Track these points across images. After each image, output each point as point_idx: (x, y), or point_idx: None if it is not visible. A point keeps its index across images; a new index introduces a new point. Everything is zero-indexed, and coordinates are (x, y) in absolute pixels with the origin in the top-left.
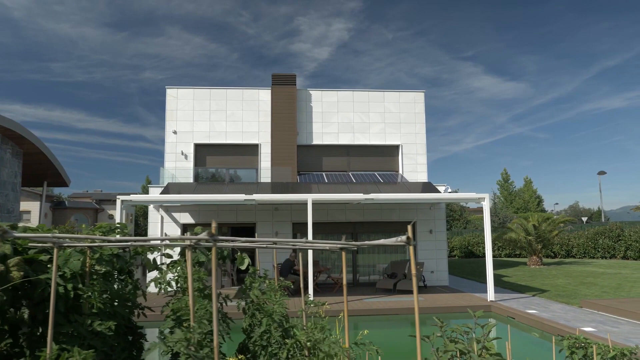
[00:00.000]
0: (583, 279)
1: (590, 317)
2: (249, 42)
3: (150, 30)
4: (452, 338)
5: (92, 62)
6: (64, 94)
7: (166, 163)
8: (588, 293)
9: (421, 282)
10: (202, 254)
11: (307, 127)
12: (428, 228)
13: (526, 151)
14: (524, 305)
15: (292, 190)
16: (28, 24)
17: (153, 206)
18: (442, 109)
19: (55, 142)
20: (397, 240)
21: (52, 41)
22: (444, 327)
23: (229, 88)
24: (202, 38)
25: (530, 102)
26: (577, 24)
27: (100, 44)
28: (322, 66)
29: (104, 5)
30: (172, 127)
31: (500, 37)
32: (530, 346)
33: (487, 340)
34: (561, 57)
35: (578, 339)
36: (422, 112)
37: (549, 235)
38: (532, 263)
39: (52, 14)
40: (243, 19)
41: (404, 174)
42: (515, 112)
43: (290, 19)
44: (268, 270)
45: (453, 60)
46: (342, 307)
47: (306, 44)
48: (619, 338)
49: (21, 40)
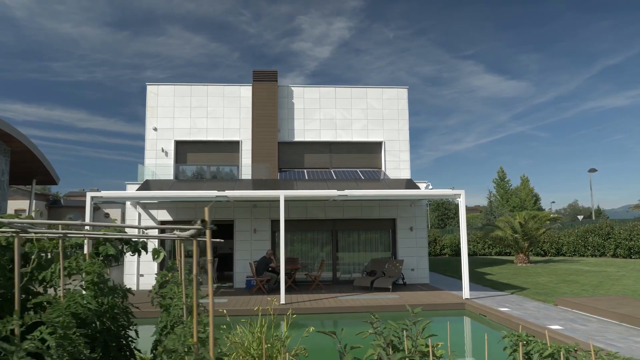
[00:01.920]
0: (566, 277)
1: (562, 315)
2: (249, 41)
3: (151, 30)
4: (379, 334)
5: (93, 61)
6: (64, 93)
7: (146, 160)
8: (567, 291)
9: (400, 279)
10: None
11: (288, 123)
12: (409, 225)
13: (527, 150)
14: (498, 303)
15: (271, 186)
16: (29, 24)
17: (130, 203)
18: (443, 107)
19: (56, 141)
20: (194, 225)
21: (53, 41)
22: (375, 324)
23: (210, 84)
24: (203, 37)
25: (531, 100)
26: (578, 22)
27: (101, 44)
28: (323, 65)
29: (104, 5)
30: (153, 124)
31: (500, 36)
32: (494, 344)
33: (422, 337)
34: (562, 56)
35: (520, 337)
36: (405, 108)
37: (535, 233)
38: (519, 261)
39: (53, 13)
40: (244, 18)
41: (386, 171)
42: (516, 111)
43: (291, 18)
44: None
45: (453, 59)
46: (314, 305)
47: (307, 43)
48: (582, 336)
49: (22, 40)
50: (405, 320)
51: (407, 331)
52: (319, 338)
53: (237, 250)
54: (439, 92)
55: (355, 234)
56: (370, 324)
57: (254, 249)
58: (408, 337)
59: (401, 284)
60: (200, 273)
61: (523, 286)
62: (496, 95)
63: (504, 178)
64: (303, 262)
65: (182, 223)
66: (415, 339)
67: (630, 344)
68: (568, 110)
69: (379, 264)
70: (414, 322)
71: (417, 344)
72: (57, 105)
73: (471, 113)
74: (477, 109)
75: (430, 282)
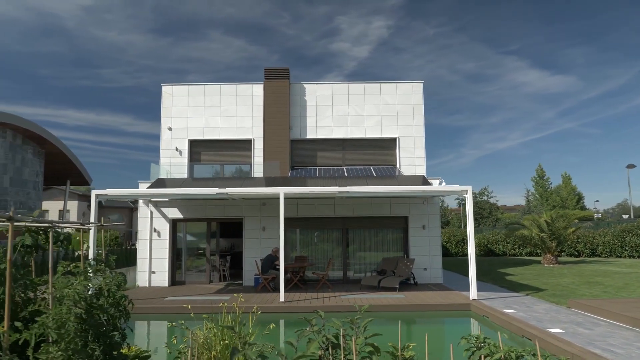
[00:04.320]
0: (590, 278)
1: (569, 318)
2: (288, 43)
3: (193, 35)
4: (317, 332)
5: (139, 67)
6: (112, 98)
7: (161, 159)
8: (586, 293)
9: (412, 279)
10: (29, 237)
11: (301, 121)
12: (421, 223)
13: (574, 147)
14: (507, 305)
15: (280, 184)
16: (80, 33)
17: (142, 202)
18: (486, 105)
19: (104, 145)
20: None
21: (101, 48)
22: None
23: (223, 84)
24: (243, 40)
25: (579, 96)
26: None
27: (146, 50)
28: (362, 64)
29: (149, 12)
30: (168, 123)
31: (546, 30)
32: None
33: (364, 336)
34: (611, 49)
35: (478, 338)
36: (420, 103)
37: (563, 232)
38: (546, 262)
39: (102, 22)
40: (283, 20)
41: (401, 167)
42: (563, 107)
43: (329, 19)
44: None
45: (497, 55)
46: (313, 304)
47: (346, 43)
48: (581, 340)
49: (74, 49)
50: (351, 318)
51: (351, 330)
52: (284, 335)
53: (246, 248)
54: (481, 89)
55: (366, 232)
56: (309, 322)
57: (263, 247)
58: (346, 335)
59: (412, 283)
60: (213, 271)
61: (541, 287)
62: (542, 91)
63: (543, 176)
64: (313, 260)
65: (193, 220)
66: (357, 337)
67: (632, 350)
68: (618, 105)
69: (390, 263)
70: (355, 319)
71: (358, 342)
72: (105, 110)
73: (515, 110)
74: (521, 106)
75: (444, 282)
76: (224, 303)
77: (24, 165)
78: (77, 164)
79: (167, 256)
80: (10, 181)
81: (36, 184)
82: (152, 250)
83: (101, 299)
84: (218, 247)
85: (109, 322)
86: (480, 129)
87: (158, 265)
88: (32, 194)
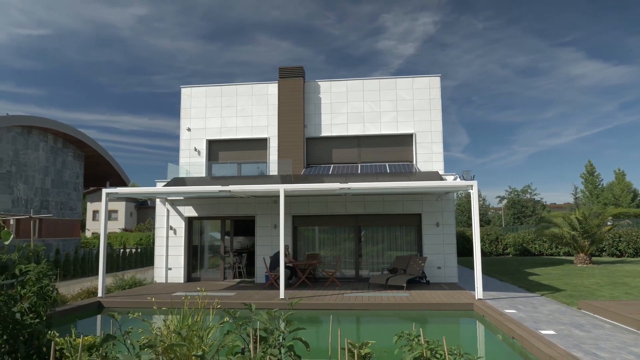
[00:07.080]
0: (618, 279)
1: (572, 320)
2: (334, 44)
3: (240, 39)
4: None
5: (189, 72)
6: (165, 103)
7: (181, 159)
8: (606, 294)
9: (423, 278)
10: None
11: (315, 119)
12: (435, 221)
13: (637, 142)
14: (511, 305)
15: (289, 182)
16: (134, 42)
17: (159, 200)
18: (539, 100)
19: (158, 148)
20: None
21: (154, 55)
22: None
23: (239, 84)
24: (289, 42)
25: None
26: None
27: (196, 55)
28: (408, 62)
29: (198, 19)
30: (187, 124)
31: (604, 19)
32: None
33: (287, 330)
34: None
35: (411, 336)
36: (437, 97)
37: (597, 231)
38: (579, 261)
39: (154, 30)
40: (329, 20)
41: (417, 164)
42: (625, 100)
43: (374, 17)
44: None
45: (550, 47)
46: (313, 302)
47: (391, 41)
48: (569, 343)
49: (129, 57)
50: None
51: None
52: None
53: (258, 246)
54: (534, 83)
55: (379, 230)
56: (231, 314)
57: (274, 244)
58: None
59: (424, 282)
60: (227, 268)
61: (560, 288)
62: (600, 83)
63: (592, 172)
64: (326, 259)
65: (207, 219)
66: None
67: (619, 355)
68: None
69: (402, 261)
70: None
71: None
72: (159, 115)
73: (572, 104)
74: (578, 100)
75: (459, 281)
76: (186, 297)
77: (65, 167)
78: (115, 166)
79: (183, 253)
80: (52, 182)
81: (76, 185)
82: (168, 247)
83: (26, 287)
84: (232, 244)
85: (31, 310)
86: (533, 124)
87: (174, 262)
88: (72, 194)
